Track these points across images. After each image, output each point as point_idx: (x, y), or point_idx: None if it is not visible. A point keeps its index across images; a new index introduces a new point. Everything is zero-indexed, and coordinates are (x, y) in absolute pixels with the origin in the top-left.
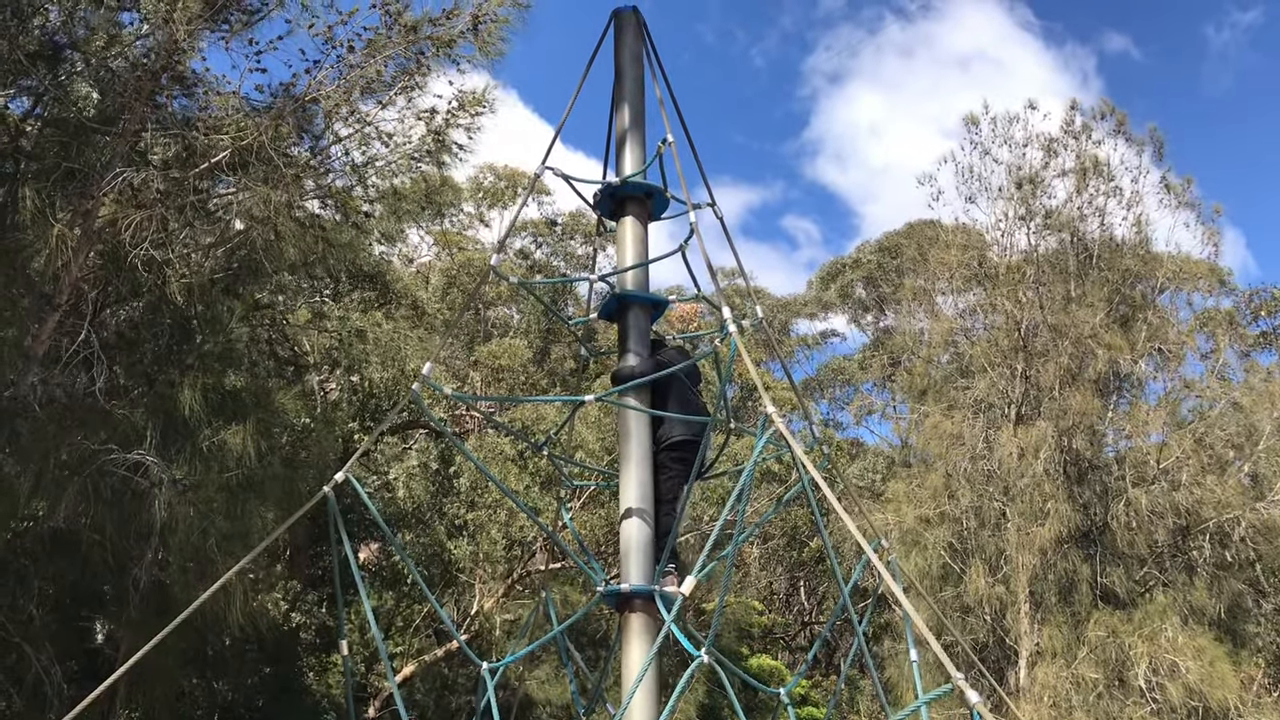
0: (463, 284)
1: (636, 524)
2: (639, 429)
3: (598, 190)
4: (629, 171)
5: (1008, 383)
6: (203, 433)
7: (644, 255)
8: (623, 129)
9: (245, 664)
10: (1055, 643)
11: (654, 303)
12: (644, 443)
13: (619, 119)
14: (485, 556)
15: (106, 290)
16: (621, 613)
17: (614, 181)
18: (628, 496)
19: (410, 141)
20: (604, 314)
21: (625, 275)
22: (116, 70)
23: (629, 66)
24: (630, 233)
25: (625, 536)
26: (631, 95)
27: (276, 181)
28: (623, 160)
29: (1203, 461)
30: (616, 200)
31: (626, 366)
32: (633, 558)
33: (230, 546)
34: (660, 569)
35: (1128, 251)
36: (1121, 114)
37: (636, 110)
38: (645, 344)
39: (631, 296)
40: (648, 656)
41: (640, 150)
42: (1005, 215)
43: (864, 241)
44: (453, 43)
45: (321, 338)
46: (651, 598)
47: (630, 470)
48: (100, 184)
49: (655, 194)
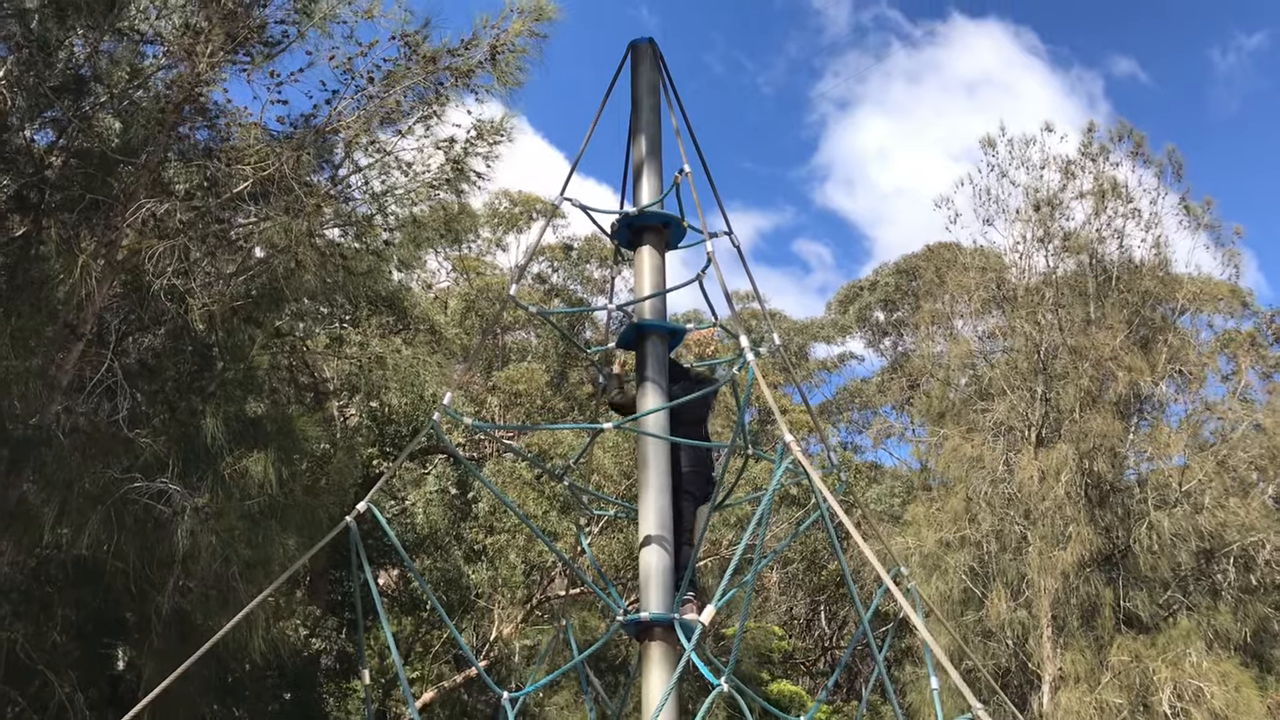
0: (480, 309)
1: (656, 551)
2: (657, 456)
3: (615, 220)
4: (646, 201)
5: (1028, 405)
6: (224, 460)
7: (661, 284)
8: (639, 159)
9: (265, 690)
10: (1078, 668)
11: (671, 331)
12: (662, 470)
13: (636, 149)
14: (504, 582)
15: (129, 319)
16: (641, 641)
17: (631, 211)
18: (647, 524)
19: (429, 170)
20: (622, 343)
21: (643, 304)
22: (139, 102)
23: (645, 97)
24: (648, 262)
25: (644, 564)
26: (648, 125)
27: (297, 210)
28: (640, 190)
29: (1226, 484)
30: (634, 230)
31: (620, 396)
32: (652, 585)
33: (252, 574)
34: (679, 597)
35: (1147, 273)
36: (1140, 135)
37: (653, 140)
38: (663, 373)
39: (649, 325)
40: (668, 686)
41: (657, 180)
42: (1023, 237)
43: (881, 264)
44: (471, 73)
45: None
46: (671, 626)
47: (649, 497)
48: (124, 214)
49: (672, 223)
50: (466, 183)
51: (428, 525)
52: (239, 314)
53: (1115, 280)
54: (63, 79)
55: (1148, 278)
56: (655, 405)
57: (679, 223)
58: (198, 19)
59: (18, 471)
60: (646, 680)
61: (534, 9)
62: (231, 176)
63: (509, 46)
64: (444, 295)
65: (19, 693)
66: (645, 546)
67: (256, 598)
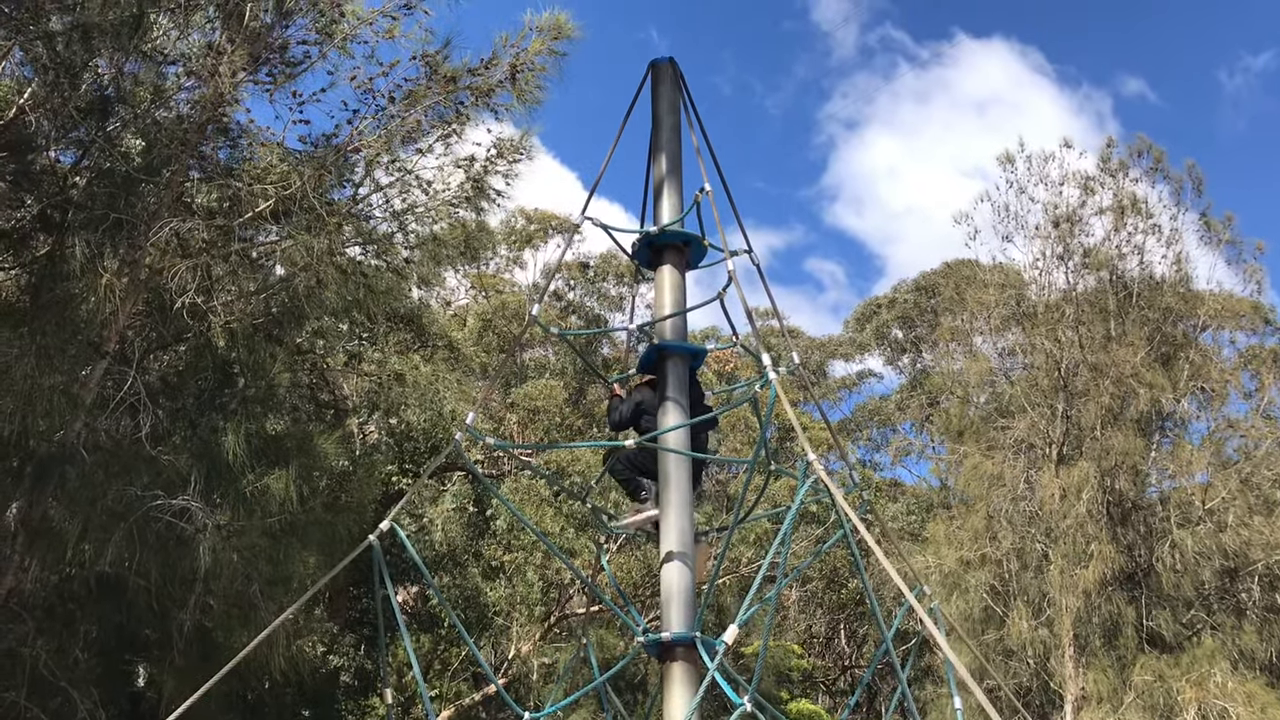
0: (498, 327)
1: (677, 569)
2: (678, 474)
3: (636, 239)
4: (666, 220)
5: (1048, 423)
6: (246, 478)
7: (682, 303)
8: (660, 178)
9: (285, 708)
10: (1101, 687)
11: (693, 352)
12: (684, 487)
13: (656, 168)
14: (521, 600)
15: (151, 337)
16: (663, 661)
17: (652, 231)
18: (668, 541)
19: (449, 189)
20: (643, 364)
21: (664, 324)
22: (162, 122)
23: (666, 116)
24: (668, 281)
25: (666, 583)
26: (669, 144)
27: (319, 229)
28: (660, 209)
29: (1249, 502)
30: (654, 249)
31: (615, 413)
32: (674, 605)
33: (273, 592)
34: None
35: (1168, 289)
36: (1159, 151)
37: (673, 159)
38: (684, 392)
39: (670, 347)
40: (691, 706)
41: (677, 199)
42: (1043, 254)
43: (900, 281)
44: (491, 92)
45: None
46: (693, 645)
47: (670, 515)
48: (147, 233)
49: (693, 242)
50: (486, 200)
51: (446, 543)
52: (260, 331)
53: (1136, 297)
54: (88, 100)
55: (1169, 294)
56: (676, 423)
57: (699, 241)
58: (220, 39)
59: (42, 488)
60: (669, 700)
61: (553, 27)
62: (253, 195)
63: (529, 65)
64: (462, 313)
65: (41, 709)
66: (666, 564)
67: (279, 615)
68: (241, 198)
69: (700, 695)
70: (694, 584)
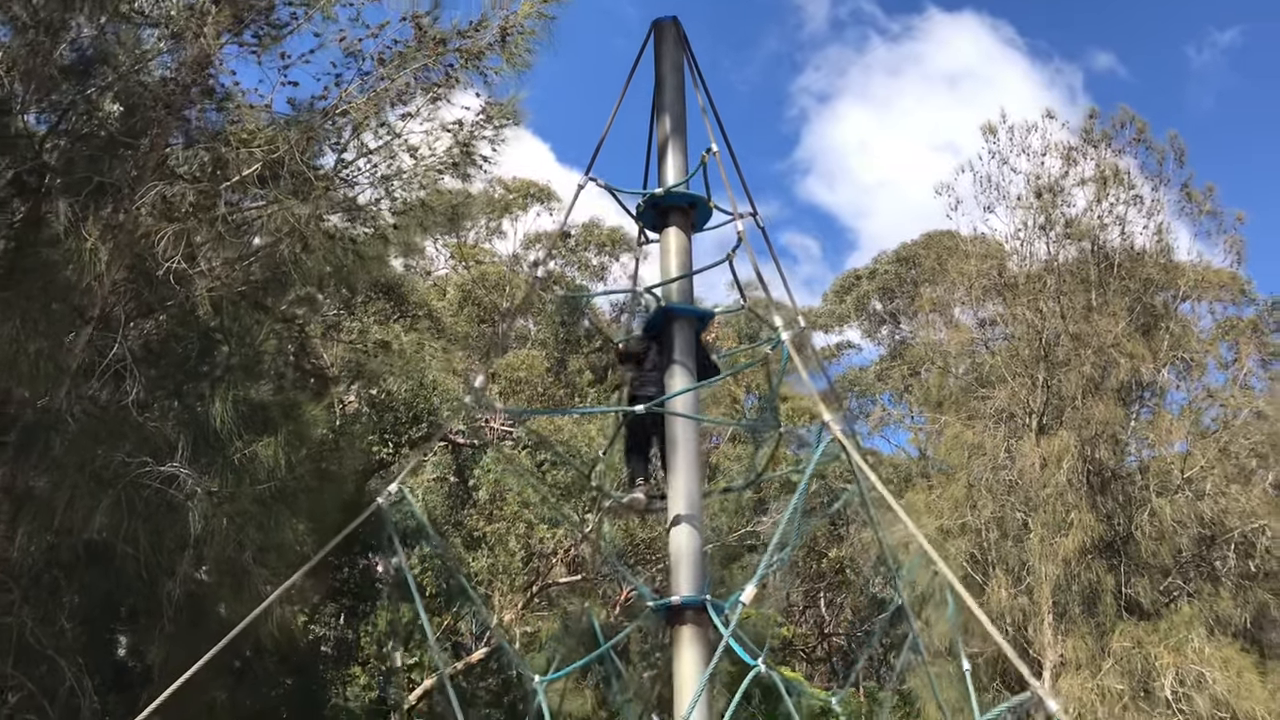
0: (479, 297)
1: (686, 532)
2: (686, 436)
3: (641, 201)
4: (671, 181)
5: (1029, 392)
6: (234, 445)
7: (688, 266)
8: (664, 138)
9: (269, 676)
10: (1079, 654)
11: (699, 315)
12: (691, 450)
13: (660, 128)
14: (504, 569)
15: (137, 303)
16: (672, 625)
17: (657, 192)
18: (676, 504)
19: (435, 154)
20: (650, 326)
21: (670, 287)
22: (147, 84)
23: (669, 76)
24: (674, 244)
25: (675, 546)
26: (672, 105)
27: (305, 194)
28: (664, 170)
29: (1227, 471)
30: (660, 211)
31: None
32: (683, 568)
33: (265, 558)
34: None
35: (1149, 260)
36: (1142, 122)
37: (678, 120)
38: (691, 355)
39: (678, 309)
40: (708, 668)
41: (682, 160)
42: (1025, 224)
43: (880, 253)
44: (480, 55)
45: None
46: (704, 608)
47: (679, 479)
48: (132, 197)
49: (698, 204)
50: (473, 166)
51: (426, 513)
52: (246, 298)
53: (1117, 267)
54: (68, 62)
55: (1149, 265)
56: (684, 387)
57: (705, 203)
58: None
59: (27, 455)
60: (679, 663)
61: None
62: (239, 160)
63: (518, 28)
64: (442, 283)
65: (27, 677)
66: (675, 527)
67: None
68: (227, 162)
69: (718, 658)
70: (702, 547)
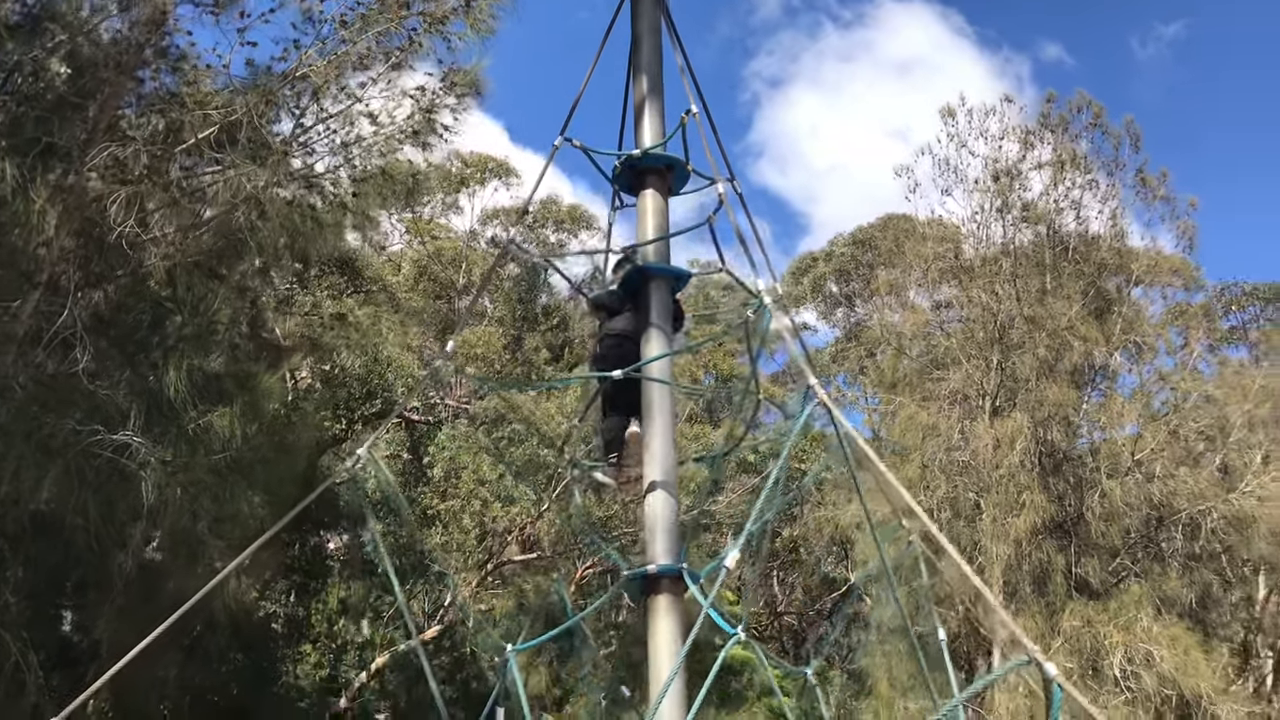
0: (434, 273)
1: (662, 499)
2: (662, 403)
3: (617, 163)
4: (648, 144)
5: (983, 374)
6: (188, 415)
7: (666, 228)
8: (640, 100)
9: (220, 651)
10: (1029, 633)
11: (676, 275)
12: (667, 415)
13: (636, 89)
14: (458, 547)
15: (88, 269)
16: (647, 595)
17: (635, 154)
18: (651, 470)
19: (395, 122)
20: (626, 287)
21: (646, 249)
22: (99, 43)
23: (646, 36)
24: (651, 205)
25: (650, 513)
26: (649, 65)
27: (263, 160)
28: (641, 132)
29: (1176, 453)
30: (637, 173)
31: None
32: (659, 536)
33: (220, 529)
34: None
35: (1103, 245)
36: (1099, 106)
37: (655, 81)
38: (668, 318)
39: (654, 269)
40: (690, 637)
41: (659, 122)
42: (982, 208)
43: (837, 235)
44: (445, 19)
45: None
46: (680, 577)
47: (654, 444)
48: (83, 160)
49: (676, 166)
50: (434, 135)
51: (379, 490)
52: (200, 267)
53: (1071, 251)
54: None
55: (1103, 249)
56: (660, 351)
57: (683, 166)
58: None
59: None
60: (655, 634)
61: None
62: (195, 123)
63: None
64: (396, 258)
65: None
66: (650, 494)
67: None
68: (182, 125)
69: (697, 628)
70: (678, 515)
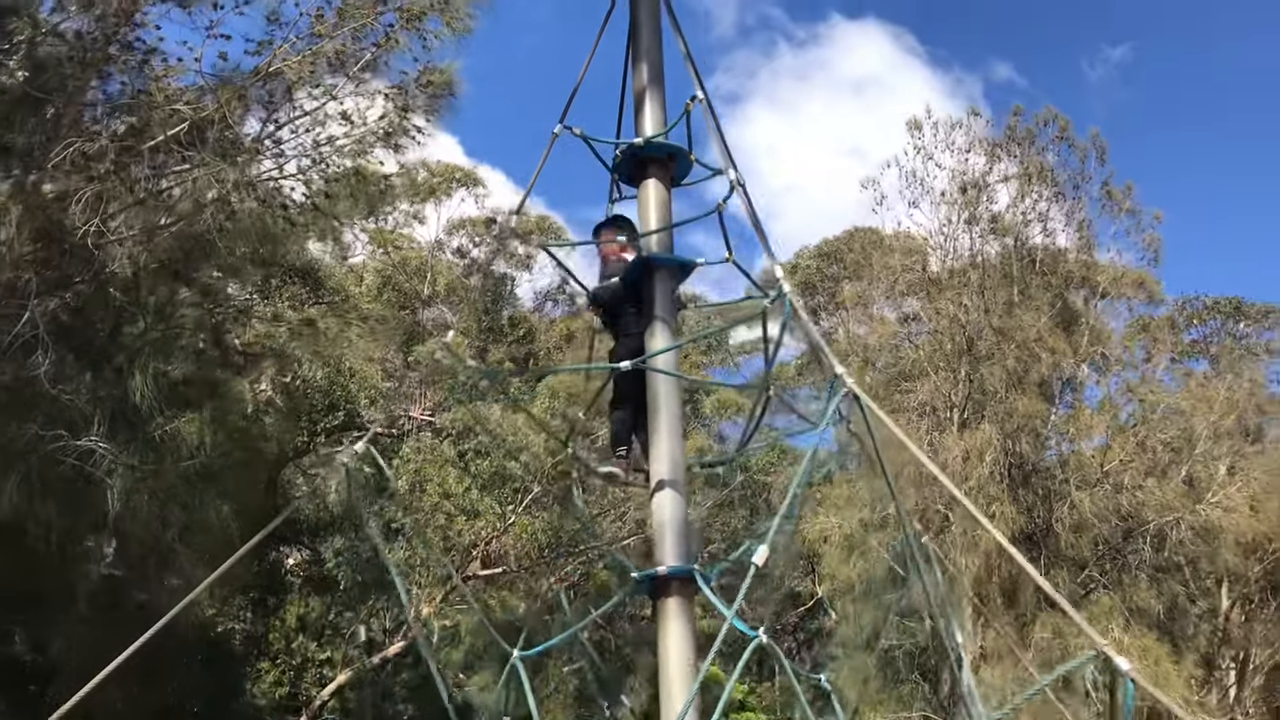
0: (399, 284)
1: (670, 498)
2: (668, 398)
3: (619, 152)
4: (649, 133)
5: (951, 387)
6: (154, 421)
7: (669, 219)
8: (640, 88)
9: (180, 668)
10: (1000, 645)
11: (681, 265)
12: (674, 411)
13: (636, 78)
14: (421, 562)
15: (49, 270)
16: (656, 598)
17: (637, 142)
18: (659, 469)
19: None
20: (630, 277)
21: (649, 239)
22: (65, 36)
23: (646, 23)
24: (654, 195)
25: (658, 514)
26: (649, 54)
27: (233, 158)
28: (641, 121)
29: (1144, 465)
30: (638, 163)
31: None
32: (668, 536)
33: (191, 539)
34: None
35: (1070, 257)
36: (1065, 120)
37: (655, 69)
38: (673, 311)
39: (660, 259)
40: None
41: (660, 111)
42: (949, 220)
43: (802, 247)
44: (421, 15)
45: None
46: (691, 578)
47: (661, 442)
48: (45, 157)
49: (679, 156)
50: (406, 137)
51: (341, 503)
52: (166, 269)
53: (1038, 264)
54: None
55: (1070, 262)
56: (666, 344)
57: (685, 156)
58: None
59: None
60: (665, 639)
61: None
62: (162, 120)
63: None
64: (359, 269)
65: None
66: (658, 493)
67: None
68: (149, 122)
69: (724, 634)
70: (686, 514)
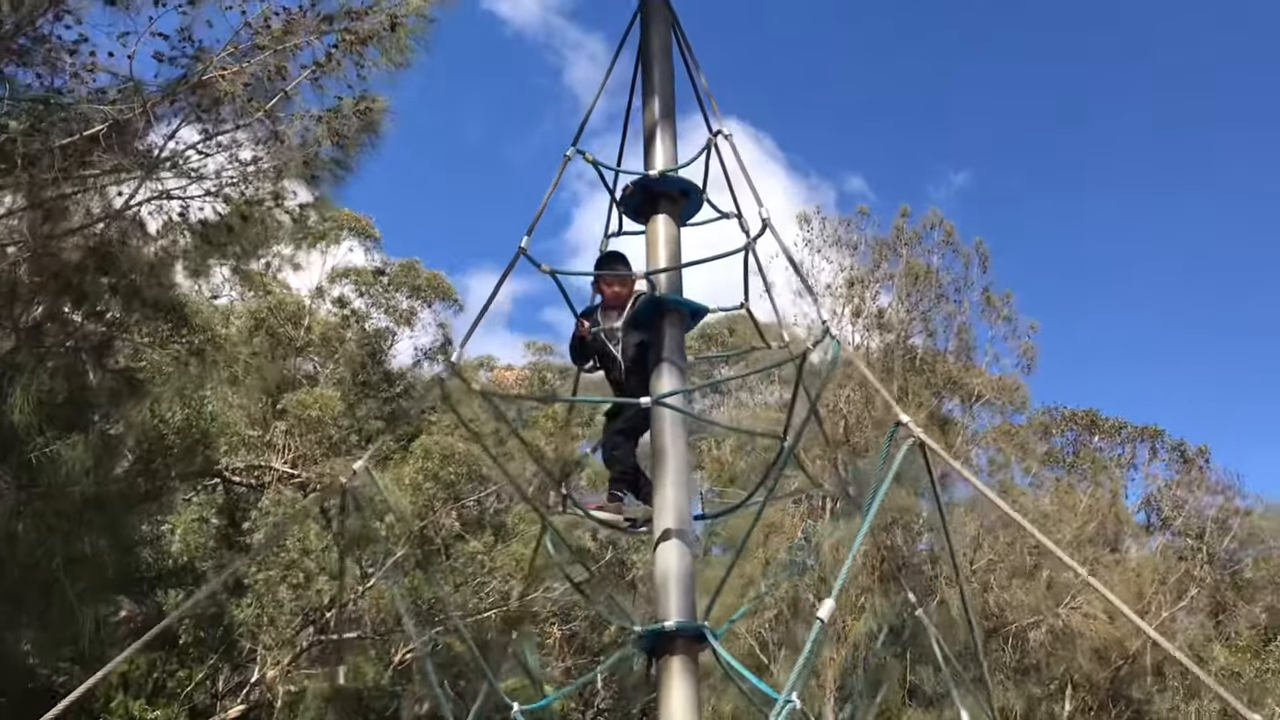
0: (272, 326)
1: (676, 550)
2: (675, 444)
3: (630, 183)
4: (660, 166)
5: None
6: (32, 442)
7: (678, 257)
8: (651, 123)
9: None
10: None
11: (693, 310)
12: (681, 458)
13: (648, 113)
14: (271, 621)
15: None
16: (659, 656)
17: (652, 174)
18: (664, 519)
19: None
20: (639, 318)
21: (659, 277)
22: None
23: (658, 58)
24: (664, 233)
25: (662, 566)
26: (662, 88)
27: (148, 169)
28: (653, 156)
29: (1011, 566)
30: (648, 196)
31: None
32: (672, 590)
33: (78, 570)
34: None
35: (949, 357)
36: (949, 225)
37: (667, 104)
38: (682, 354)
39: (671, 301)
40: None
41: (671, 146)
42: (834, 312)
43: None
44: (368, 40)
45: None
46: (700, 636)
47: (666, 491)
48: None
49: (692, 193)
50: (326, 170)
51: (186, 553)
52: (56, 280)
53: (919, 361)
54: None
55: (949, 362)
56: (673, 388)
57: (699, 193)
58: None
59: None
60: (668, 700)
61: None
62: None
63: (408, 20)
64: (227, 310)
65: None
66: (663, 543)
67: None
68: (53, 126)
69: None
70: (693, 567)
